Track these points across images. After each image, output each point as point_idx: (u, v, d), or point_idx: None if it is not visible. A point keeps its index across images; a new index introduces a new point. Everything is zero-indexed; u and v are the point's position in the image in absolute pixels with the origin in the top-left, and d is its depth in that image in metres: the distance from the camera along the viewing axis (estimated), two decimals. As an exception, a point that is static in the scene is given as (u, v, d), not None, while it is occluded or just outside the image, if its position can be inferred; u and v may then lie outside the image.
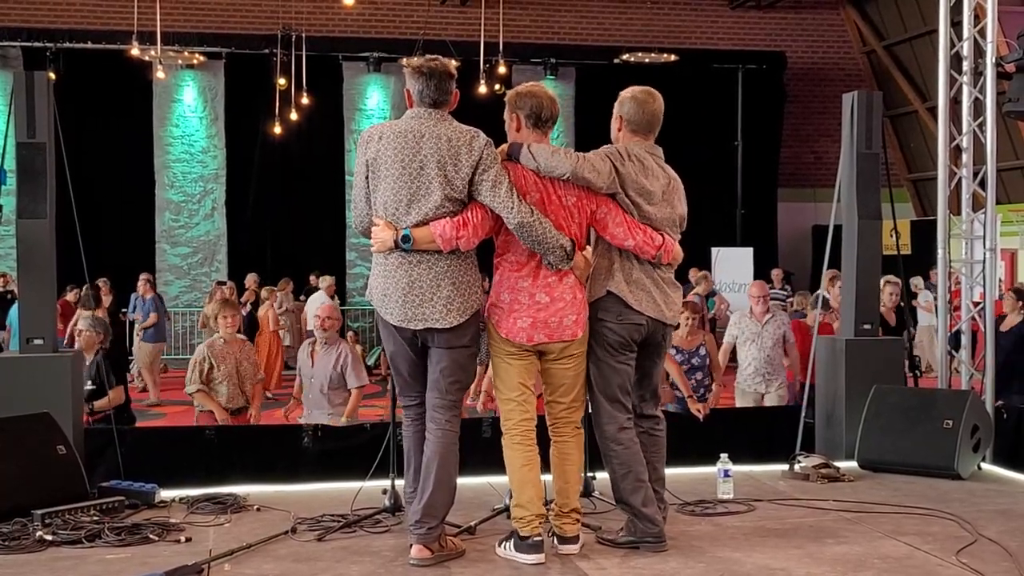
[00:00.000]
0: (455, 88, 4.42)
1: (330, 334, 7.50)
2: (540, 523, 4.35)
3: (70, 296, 13.73)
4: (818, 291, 8.68)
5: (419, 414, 4.53)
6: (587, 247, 4.53)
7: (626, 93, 4.70)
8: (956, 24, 7.61)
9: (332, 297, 15.52)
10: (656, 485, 4.63)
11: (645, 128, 4.63)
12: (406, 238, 4.26)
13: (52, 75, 6.16)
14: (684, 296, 5.97)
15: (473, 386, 6.70)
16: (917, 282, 15.14)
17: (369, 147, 4.36)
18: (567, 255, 4.35)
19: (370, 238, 4.40)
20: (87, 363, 7.32)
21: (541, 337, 4.40)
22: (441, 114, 4.36)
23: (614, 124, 4.70)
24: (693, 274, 15.13)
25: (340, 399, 7.34)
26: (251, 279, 17.02)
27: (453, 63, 4.46)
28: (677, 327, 5.60)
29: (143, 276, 15.17)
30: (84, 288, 14.19)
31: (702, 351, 7.89)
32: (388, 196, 4.31)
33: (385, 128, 4.38)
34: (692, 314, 7.87)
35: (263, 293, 15.62)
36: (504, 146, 4.46)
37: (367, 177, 4.37)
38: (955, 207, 7.79)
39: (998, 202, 7.65)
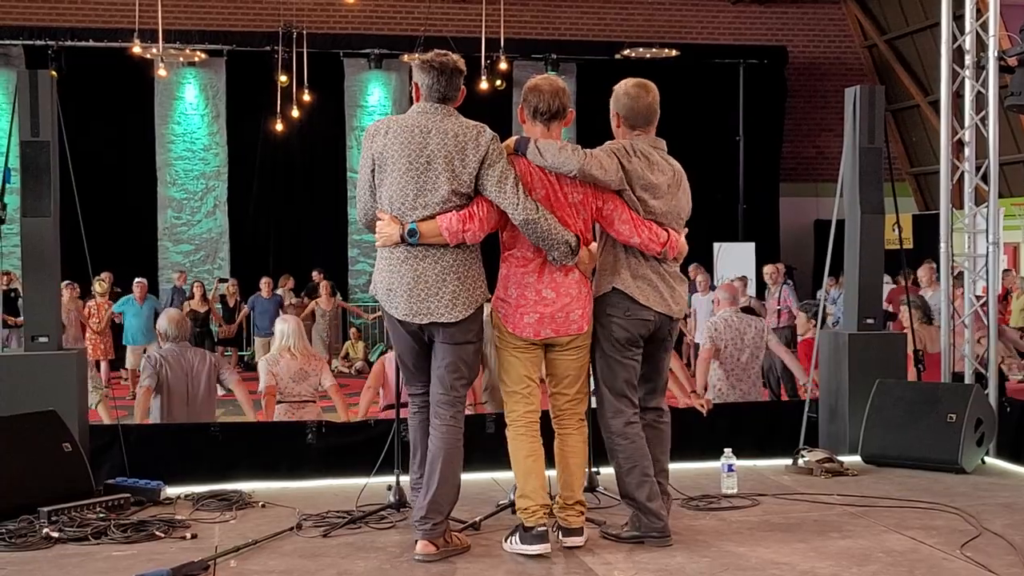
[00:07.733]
0: (463, 85, 4.42)
1: None
2: (544, 513, 4.35)
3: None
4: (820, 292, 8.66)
5: (425, 402, 4.52)
6: (592, 242, 4.53)
7: (619, 88, 4.65)
8: (958, 18, 7.59)
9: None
10: (659, 477, 4.63)
11: (643, 122, 4.61)
12: (412, 232, 4.26)
13: (54, 73, 6.17)
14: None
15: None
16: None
17: (375, 141, 4.35)
18: (572, 251, 4.35)
19: (374, 232, 4.40)
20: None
21: (548, 332, 4.41)
22: (448, 109, 4.36)
23: (613, 121, 4.69)
24: (693, 272, 14.80)
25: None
26: (317, 275, 17.26)
27: (462, 60, 4.45)
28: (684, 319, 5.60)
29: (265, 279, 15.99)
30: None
31: None
32: (394, 190, 4.30)
33: (391, 122, 4.37)
34: None
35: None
36: (510, 140, 4.46)
37: (373, 171, 4.36)
38: (957, 201, 7.78)
39: (1000, 196, 7.66)
